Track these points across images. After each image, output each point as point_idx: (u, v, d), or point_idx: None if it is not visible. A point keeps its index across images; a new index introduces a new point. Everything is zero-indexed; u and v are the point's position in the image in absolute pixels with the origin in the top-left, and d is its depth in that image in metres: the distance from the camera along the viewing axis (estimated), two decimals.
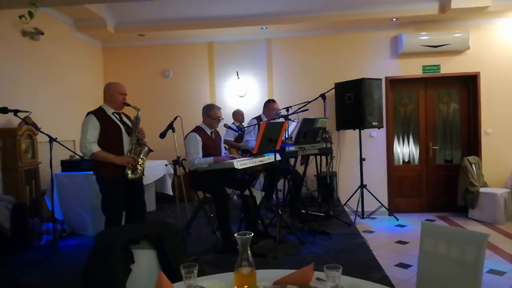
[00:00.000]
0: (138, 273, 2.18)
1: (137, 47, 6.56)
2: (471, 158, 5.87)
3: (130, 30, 6.04)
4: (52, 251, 3.95)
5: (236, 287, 1.39)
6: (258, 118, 4.97)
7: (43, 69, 5.04)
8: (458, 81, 6.20)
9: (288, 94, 6.20)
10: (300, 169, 5.17)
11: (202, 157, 3.81)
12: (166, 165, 5.32)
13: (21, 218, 3.99)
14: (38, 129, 4.09)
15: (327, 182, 5.54)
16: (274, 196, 4.80)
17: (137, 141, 3.35)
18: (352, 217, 5.40)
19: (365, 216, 5.74)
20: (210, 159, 3.78)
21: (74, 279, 2.50)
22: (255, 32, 6.19)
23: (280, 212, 3.99)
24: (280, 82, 6.39)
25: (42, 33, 4.79)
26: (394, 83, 6.23)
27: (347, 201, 5.85)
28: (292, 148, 4.29)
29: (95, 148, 3.22)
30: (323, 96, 5.15)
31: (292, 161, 4.92)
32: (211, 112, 3.99)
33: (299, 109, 4.76)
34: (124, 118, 3.45)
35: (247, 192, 3.93)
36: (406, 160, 6.42)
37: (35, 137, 4.51)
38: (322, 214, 4.98)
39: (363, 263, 3.44)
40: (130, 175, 3.27)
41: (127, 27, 6.00)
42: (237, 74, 6.36)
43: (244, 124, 5.74)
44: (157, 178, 5.32)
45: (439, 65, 6.06)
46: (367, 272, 3.16)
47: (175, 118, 4.06)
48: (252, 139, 4.76)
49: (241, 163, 3.60)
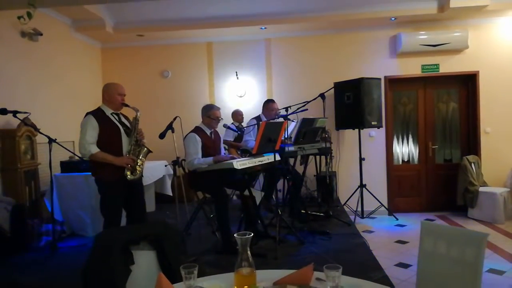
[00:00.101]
0: (138, 274, 2.18)
1: (136, 47, 6.55)
2: (471, 157, 5.87)
3: (129, 31, 6.03)
4: (52, 252, 3.95)
5: (236, 287, 1.39)
6: (257, 118, 4.96)
7: (42, 70, 5.04)
8: (457, 80, 6.20)
9: (288, 94, 6.20)
10: (299, 169, 5.16)
11: (202, 158, 3.81)
12: (166, 165, 5.33)
13: (21, 219, 3.99)
14: (37, 130, 4.09)
15: (326, 182, 5.55)
16: (273, 196, 4.81)
17: (136, 142, 3.34)
18: (352, 217, 5.40)
19: (364, 216, 5.74)
20: (210, 159, 3.77)
21: (74, 280, 2.50)
22: (254, 32, 6.19)
23: (280, 212, 3.98)
24: (279, 82, 6.39)
25: (41, 34, 4.79)
26: (393, 82, 6.23)
27: (346, 201, 5.85)
28: (291, 148, 4.29)
29: (94, 149, 3.21)
30: (322, 95, 5.15)
31: (291, 161, 4.91)
32: (210, 112, 3.99)
33: (298, 109, 4.75)
34: (123, 119, 3.43)
35: (246, 192, 3.92)
36: (406, 160, 6.42)
37: (34, 138, 4.51)
38: (321, 214, 4.98)
39: (363, 263, 3.44)
40: (129, 176, 3.25)
41: (126, 28, 6.00)
42: (236, 74, 6.36)
43: (244, 124, 5.75)
44: (156, 178, 5.32)
45: (438, 64, 6.07)
46: (367, 272, 3.16)
47: (175, 119, 4.06)
48: (251, 139, 4.75)
49: (240, 163, 3.60)
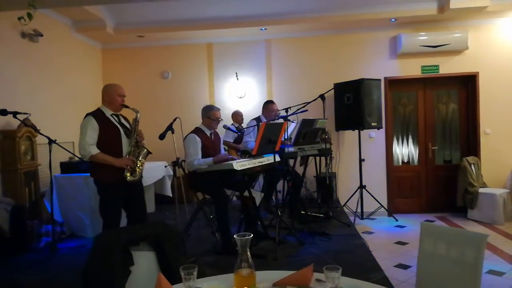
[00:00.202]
0: (138, 274, 2.18)
1: (137, 48, 6.56)
2: (470, 159, 5.87)
3: (129, 31, 6.04)
4: (51, 253, 3.94)
5: None
6: (257, 119, 4.97)
7: (43, 71, 5.04)
8: (457, 81, 6.20)
9: (287, 95, 6.20)
10: (299, 170, 5.17)
11: (202, 158, 3.81)
12: (166, 166, 5.33)
13: (20, 220, 3.99)
14: (37, 131, 4.08)
15: (326, 183, 5.55)
16: (273, 197, 4.81)
17: (136, 143, 3.34)
18: (352, 218, 5.40)
19: (364, 217, 5.74)
20: (210, 159, 3.78)
21: (74, 280, 2.50)
22: (254, 33, 6.20)
23: (280, 213, 3.99)
24: (279, 83, 6.39)
25: (42, 35, 4.80)
26: (393, 83, 6.24)
27: (346, 202, 5.85)
28: (291, 149, 4.29)
29: (94, 150, 3.20)
30: (322, 96, 5.15)
31: (291, 162, 4.91)
32: (210, 113, 3.99)
33: (298, 110, 4.76)
34: (123, 120, 3.43)
35: (246, 193, 3.92)
36: (405, 161, 6.42)
37: (34, 139, 4.51)
38: (321, 215, 4.98)
39: (362, 264, 3.44)
40: (129, 177, 3.25)
41: (127, 28, 6.00)
42: (236, 75, 6.36)
43: (243, 125, 5.75)
44: (156, 179, 5.31)
45: (438, 65, 6.07)
46: (367, 273, 3.16)
47: (175, 119, 4.05)
48: (251, 140, 4.75)
49: (240, 164, 3.60)
